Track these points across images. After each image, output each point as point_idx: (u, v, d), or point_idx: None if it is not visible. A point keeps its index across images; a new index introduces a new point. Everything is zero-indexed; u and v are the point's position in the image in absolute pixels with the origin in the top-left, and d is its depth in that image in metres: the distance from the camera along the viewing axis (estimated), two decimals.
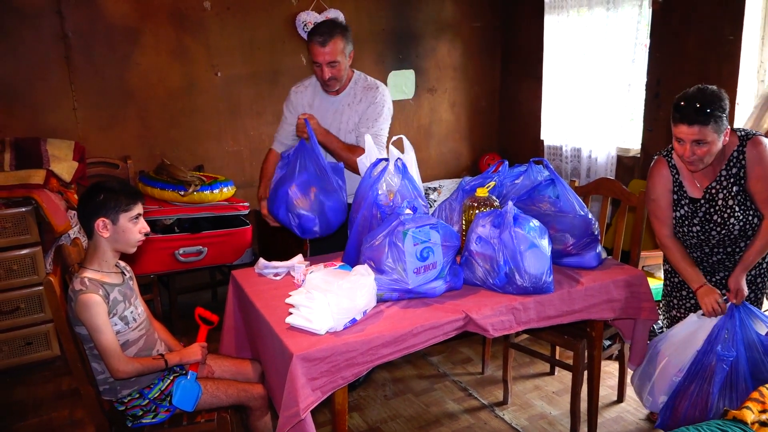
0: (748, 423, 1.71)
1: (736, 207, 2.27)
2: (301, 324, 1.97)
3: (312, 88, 2.94)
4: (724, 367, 2.19)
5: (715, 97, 2.15)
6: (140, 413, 2.09)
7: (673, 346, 2.36)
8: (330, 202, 2.60)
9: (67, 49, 3.78)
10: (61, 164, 3.47)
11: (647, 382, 2.43)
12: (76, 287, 1.95)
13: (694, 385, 2.27)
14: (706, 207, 2.32)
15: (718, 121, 2.13)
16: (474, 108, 5.27)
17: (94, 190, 2.01)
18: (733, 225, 2.30)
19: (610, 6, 4.04)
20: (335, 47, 2.70)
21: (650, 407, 2.45)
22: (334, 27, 2.73)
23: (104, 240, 2.01)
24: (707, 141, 2.15)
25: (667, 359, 2.35)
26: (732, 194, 2.28)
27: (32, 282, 3.26)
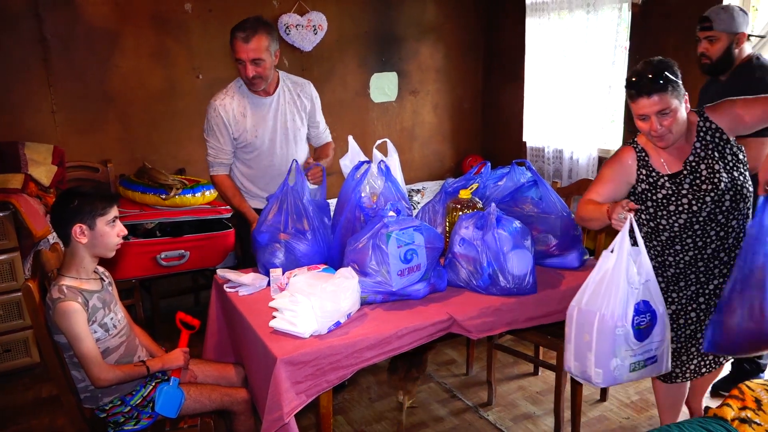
0: (729, 420, 1.73)
1: (723, 172, 2.09)
2: (284, 327, 1.96)
3: (238, 96, 2.79)
4: (740, 264, 2.00)
5: (663, 64, 2.07)
6: (122, 420, 2.06)
7: (600, 296, 2.01)
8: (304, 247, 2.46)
9: (46, 52, 3.74)
10: (40, 168, 3.43)
11: (587, 356, 2.05)
12: (54, 295, 1.91)
13: (743, 295, 2.01)
14: (690, 178, 2.13)
15: (675, 86, 2.03)
16: (457, 110, 5.29)
17: (67, 196, 1.97)
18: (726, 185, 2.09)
19: (591, 9, 4.08)
20: (259, 44, 2.63)
21: (605, 381, 2.04)
22: (258, 23, 2.67)
23: (82, 246, 1.98)
24: (671, 108, 2.03)
25: (600, 314, 1.99)
26: (716, 158, 2.11)
27: (10, 288, 3.20)
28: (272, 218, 2.45)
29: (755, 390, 1.80)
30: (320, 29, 4.46)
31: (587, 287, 2.05)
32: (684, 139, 2.12)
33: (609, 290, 1.99)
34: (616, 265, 1.98)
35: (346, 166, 2.67)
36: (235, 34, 2.64)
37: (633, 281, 1.99)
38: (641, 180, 2.19)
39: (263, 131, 2.82)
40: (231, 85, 2.83)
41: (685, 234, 2.15)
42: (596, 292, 2.02)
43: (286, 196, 2.46)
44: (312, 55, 4.53)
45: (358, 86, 4.80)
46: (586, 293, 2.05)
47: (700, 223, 2.12)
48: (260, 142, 2.83)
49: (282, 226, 2.44)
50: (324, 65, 4.61)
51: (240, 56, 2.64)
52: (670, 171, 2.16)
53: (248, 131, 2.80)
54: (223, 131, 2.78)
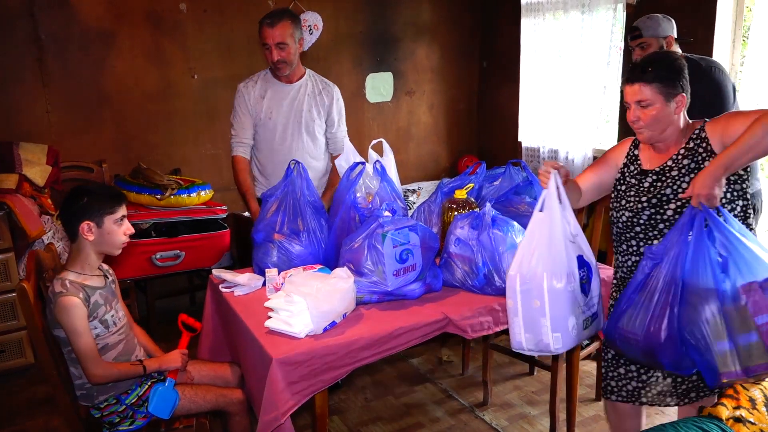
0: (723, 419, 1.74)
1: (685, 184, 1.96)
2: (280, 328, 1.96)
3: (261, 81, 2.98)
4: (646, 270, 1.87)
5: (664, 57, 1.99)
6: (117, 420, 2.06)
7: (544, 257, 1.92)
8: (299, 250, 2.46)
9: (40, 52, 3.73)
10: (34, 168, 3.42)
11: (541, 324, 1.93)
12: (56, 289, 1.93)
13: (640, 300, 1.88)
14: (654, 179, 2.02)
15: (665, 82, 1.92)
16: (452, 110, 5.30)
17: (77, 194, 2.00)
18: (678, 200, 1.95)
19: (586, 9, 4.09)
20: (284, 30, 2.79)
21: (565, 345, 1.93)
22: (284, 11, 2.86)
23: (89, 243, 1.99)
24: (650, 102, 1.93)
25: (548, 275, 1.90)
26: (691, 168, 1.96)
27: (5, 288, 3.19)
28: (270, 218, 2.45)
29: (749, 389, 1.81)
30: (316, 29, 4.46)
31: (524, 253, 1.97)
32: (675, 142, 2.03)
33: (552, 249, 1.93)
34: (552, 224, 1.95)
35: (341, 166, 2.67)
36: (262, 22, 2.81)
37: (569, 236, 1.97)
38: (622, 167, 2.15)
39: (277, 114, 2.94)
40: (259, 72, 3.02)
41: (628, 234, 2.06)
42: (538, 255, 1.93)
43: (286, 196, 2.47)
44: (308, 55, 4.53)
45: (354, 86, 4.80)
46: (524, 259, 1.96)
47: (642, 226, 2.01)
48: (273, 125, 2.95)
49: (278, 227, 2.44)
50: (320, 65, 4.61)
51: (266, 41, 2.80)
52: (644, 166, 2.09)
53: (263, 112, 2.95)
54: (244, 111, 2.96)
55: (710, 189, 1.79)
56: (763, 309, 1.69)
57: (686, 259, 1.78)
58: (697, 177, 1.82)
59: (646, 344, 1.84)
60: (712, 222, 1.77)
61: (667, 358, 1.83)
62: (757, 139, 1.77)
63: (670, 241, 1.83)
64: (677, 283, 1.78)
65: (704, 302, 1.73)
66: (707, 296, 1.73)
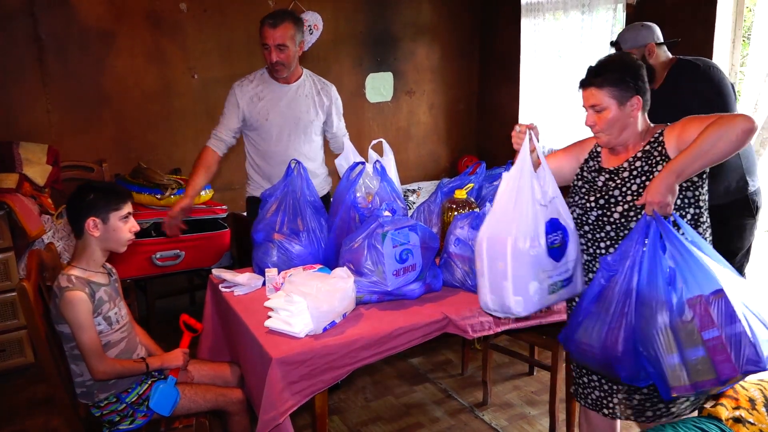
0: (723, 419, 1.74)
1: (634, 186, 1.91)
2: (280, 327, 1.96)
3: (258, 81, 2.93)
4: (602, 281, 1.82)
5: (619, 61, 1.94)
6: (117, 419, 2.06)
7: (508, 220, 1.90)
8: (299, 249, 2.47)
9: (41, 52, 3.73)
10: (35, 168, 3.42)
11: (504, 286, 1.90)
12: (62, 284, 1.94)
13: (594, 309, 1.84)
14: (607, 178, 1.99)
15: (619, 86, 1.88)
16: (452, 110, 5.30)
17: (83, 190, 2.02)
18: (629, 202, 1.91)
19: (586, 9, 4.09)
20: (286, 32, 2.74)
21: (526, 309, 1.92)
22: (286, 13, 2.82)
23: (94, 239, 2.01)
24: (604, 106, 1.90)
25: (512, 238, 1.87)
26: (643, 171, 1.91)
27: (5, 288, 3.19)
28: (269, 217, 2.45)
29: (749, 389, 1.82)
30: (316, 29, 4.46)
31: (494, 215, 1.95)
32: (634, 144, 1.97)
33: (517, 212, 1.90)
34: (520, 186, 1.92)
35: (341, 166, 2.68)
36: (264, 21, 2.77)
37: (539, 199, 1.93)
38: (583, 161, 2.11)
39: (274, 116, 2.89)
40: (254, 73, 2.97)
41: (580, 231, 2.02)
42: (504, 218, 1.92)
43: (286, 196, 2.47)
44: (308, 55, 4.52)
45: (354, 86, 4.80)
46: (492, 222, 1.94)
47: (591, 226, 1.98)
48: (269, 126, 2.89)
49: (277, 226, 2.44)
50: (320, 65, 4.61)
51: (266, 41, 2.76)
52: (605, 165, 2.04)
53: (260, 113, 2.88)
54: (232, 110, 2.89)
55: (662, 196, 1.74)
56: (709, 324, 1.63)
57: (641, 269, 1.73)
58: (650, 184, 1.78)
59: (603, 356, 1.81)
60: (663, 231, 1.72)
61: (624, 371, 1.79)
62: (710, 144, 1.72)
63: (625, 251, 1.78)
64: (632, 295, 1.74)
65: (656, 314, 1.69)
66: (659, 308, 1.69)
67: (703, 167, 1.79)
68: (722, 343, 1.60)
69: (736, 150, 1.76)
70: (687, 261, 1.68)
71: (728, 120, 1.72)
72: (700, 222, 1.92)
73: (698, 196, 1.90)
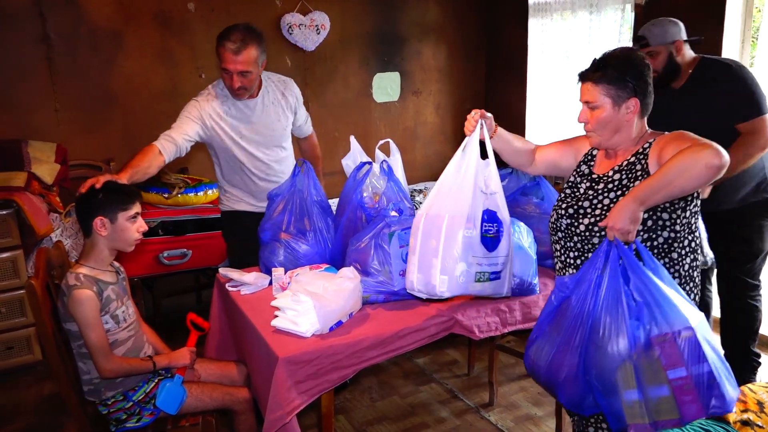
0: (731, 422, 1.73)
1: (606, 200, 1.83)
2: (286, 327, 1.96)
3: (221, 97, 2.68)
4: (554, 302, 1.77)
5: (622, 58, 1.82)
6: (124, 417, 2.07)
7: (448, 199, 1.92)
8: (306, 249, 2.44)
9: (49, 51, 3.74)
10: (43, 166, 3.43)
11: (432, 264, 1.90)
12: (70, 282, 1.95)
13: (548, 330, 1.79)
14: (588, 186, 1.93)
15: (614, 83, 1.79)
16: (459, 110, 5.29)
17: (93, 190, 2.02)
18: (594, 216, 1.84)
19: (594, 9, 4.08)
20: (249, 56, 2.51)
21: (450, 290, 1.91)
22: (249, 34, 2.53)
23: (102, 238, 2.02)
24: (597, 105, 1.82)
25: (448, 216, 1.89)
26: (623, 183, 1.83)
27: (13, 286, 3.21)
28: (276, 217, 2.46)
29: (757, 392, 1.81)
30: (323, 29, 4.46)
31: (436, 194, 1.94)
32: (624, 151, 1.88)
33: (459, 193, 1.90)
34: (465, 170, 1.93)
35: (348, 166, 2.68)
36: (224, 44, 2.51)
37: (481, 186, 1.94)
38: (579, 162, 2.04)
39: (248, 132, 2.71)
40: (211, 88, 2.71)
41: (553, 236, 1.98)
42: (445, 196, 1.92)
43: (292, 195, 2.47)
44: (314, 55, 4.53)
45: (361, 86, 4.80)
46: (433, 199, 1.94)
47: (563, 233, 1.92)
48: (245, 143, 2.71)
49: (284, 226, 2.44)
50: (326, 65, 4.62)
51: (227, 66, 2.53)
52: (595, 170, 1.97)
53: (230, 131, 2.67)
54: (192, 122, 2.62)
55: (623, 223, 1.64)
56: (676, 363, 1.56)
57: (597, 297, 1.65)
58: (614, 208, 1.68)
59: (547, 378, 1.78)
60: (626, 261, 1.63)
61: (565, 397, 1.75)
62: (673, 175, 1.60)
63: (583, 274, 1.70)
64: (586, 322, 1.66)
65: (615, 347, 1.60)
66: (618, 341, 1.60)
67: (669, 198, 1.67)
68: (689, 383, 1.55)
69: (700, 186, 1.64)
70: (654, 295, 1.60)
71: (696, 152, 1.58)
72: (674, 248, 1.79)
73: (676, 219, 1.77)
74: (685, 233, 1.80)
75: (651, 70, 1.85)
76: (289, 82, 2.88)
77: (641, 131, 1.87)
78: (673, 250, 1.79)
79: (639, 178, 1.78)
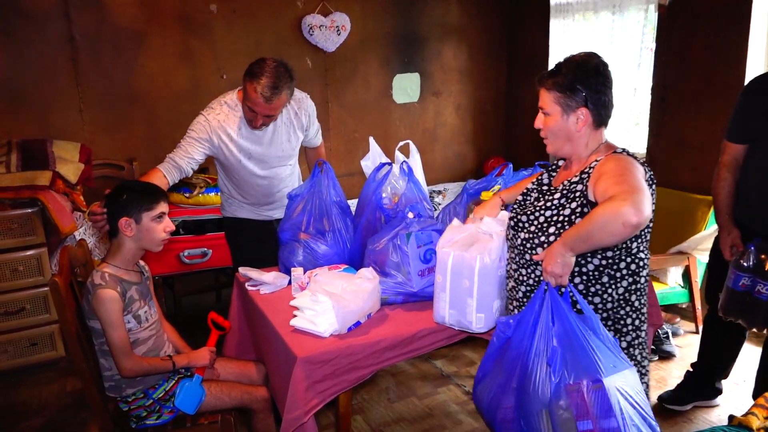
0: (754, 429, 1.70)
1: (542, 218, 1.78)
2: (305, 326, 1.97)
3: (232, 117, 2.60)
4: (494, 341, 1.79)
5: (576, 64, 1.75)
6: (144, 414, 2.09)
7: (477, 244, 1.93)
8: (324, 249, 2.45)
9: (74, 52, 3.80)
10: (67, 166, 3.49)
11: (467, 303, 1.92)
12: (95, 281, 1.97)
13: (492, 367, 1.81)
14: (535, 197, 1.90)
15: (565, 93, 1.72)
16: (479, 111, 5.27)
17: (118, 191, 2.05)
18: (529, 231, 1.81)
19: (616, 10, 4.04)
20: (279, 103, 2.46)
21: (486, 326, 1.95)
22: (282, 79, 2.42)
23: (128, 238, 2.04)
24: (548, 111, 1.76)
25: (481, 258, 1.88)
26: (551, 203, 1.80)
27: (38, 283, 3.27)
28: (295, 217, 2.47)
29: None
30: (343, 30, 4.48)
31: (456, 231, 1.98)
32: (577, 164, 1.81)
33: (486, 237, 1.94)
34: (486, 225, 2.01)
35: (367, 167, 2.68)
36: (255, 86, 2.40)
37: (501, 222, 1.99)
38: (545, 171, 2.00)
39: (257, 153, 2.67)
40: (224, 103, 2.63)
41: (508, 252, 1.94)
42: (472, 242, 1.94)
43: (312, 196, 2.48)
44: (335, 56, 4.54)
45: (381, 87, 4.81)
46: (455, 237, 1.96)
47: (510, 241, 1.89)
48: (253, 164, 2.68)
49: (303, 226, 2.45)
50: (347, 66, 4.63)
51: (255, 108, 2.45)
52: (547, 181, 1.93)
53: (237, 155, 2.63)
54: (199, 144, 2.56)
55: (552, 267, 1.63)
56: (584, 414, 1.53)
57: (533, 339, 1.64)
58: (547, 250, 1.66)
59: (487, 417, 1.80)
60: (552, 305, 1.63)
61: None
62: (596, 229, 1.55)
63: (522, 315, 1.70)
64: (521, 364, 1.65)
65: (538, 391, 1.59)
66: (540, 386, 1.59)
67: (596, 248, 1.65)
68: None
69: (622, 241, 1.61)
70: (572, 343, 1.58)
71: (616, 208, 1.51)
72: (606, 272, 1.73)
73: (629, 245, 1.73)
74: (621, 256, 1.74)
75: (609, 79, 1.76)
76: (304, 98, 2.78)
77: (596, 143, 1.79)
78: (604, 274, 1.74)
79: (576, 200, 1.73)
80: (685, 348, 3.46)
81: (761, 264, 2.34)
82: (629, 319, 1.81)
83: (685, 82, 3.72)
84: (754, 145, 2.45)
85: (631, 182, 1.59)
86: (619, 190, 1.56)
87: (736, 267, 2.41)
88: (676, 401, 2.88)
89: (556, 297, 1.64)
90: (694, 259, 3.43)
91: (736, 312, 2.44)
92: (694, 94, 3.68)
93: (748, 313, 2.40)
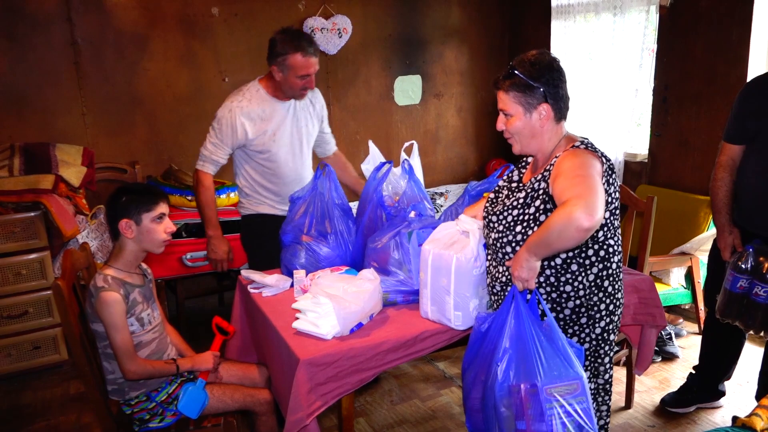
0: (758, 430, 1.70)
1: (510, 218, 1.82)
2: (307, 329, 1.97)
3: (257, 100, 2.70)
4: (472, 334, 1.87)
5: (529, 63, 1.78)
6: (147, 417, 2.09)
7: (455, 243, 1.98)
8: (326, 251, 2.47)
9: (77, 56, 3.81)
10: (70, 169, 3.49)
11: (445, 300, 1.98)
12: (98, 284, 1.98)
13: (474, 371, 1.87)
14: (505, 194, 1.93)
15: (524, 92, 1.76)
16: (481, 113, 5.27)
17: (118, 193, 2.06)
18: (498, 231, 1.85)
19: (617, 11, 4.04)
20: (318, 57, 2.66)
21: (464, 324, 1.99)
22: (307, 35, 2.68)
23: (129, 240, 2.04)
24: (509, 112, 1.80)
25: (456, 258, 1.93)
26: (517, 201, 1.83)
27: (41, 286, 3.27)
28: (298, 219, 2.47)
29: None
30: (345, 32, 4.48)
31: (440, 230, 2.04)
32: (544, 160, 1.84)
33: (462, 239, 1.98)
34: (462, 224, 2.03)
35: (367, 170, 2.68)
36: (302, 49, 2.56)
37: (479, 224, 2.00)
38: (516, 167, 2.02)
39: (281, 135, 2.75)
40: (247, 89, 2.73)
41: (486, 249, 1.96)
42: (453, 241, 1.99)
43: (314, 198, 2.48)
44: (336, 59, 4.55)
45: (383, 89, 4.81)
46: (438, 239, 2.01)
47: (491, 247, 1.90)
48: (278, 147, 2.76)
49: (306, 228, 2.46)
50: (348, 68, 4.64)
51: (309, 71, 2.61)
52: (517, 178, 1.96)
53: (267, 135, 2.72)
54: (231, 134, 2.68)
55: (518, 271, 1.70)
56: (522, 415, 1.62)
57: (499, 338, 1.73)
58: (515, 256, 1.73)
59: (465, 405, 1.92)
60: (515, 309, 1.71)
61: (470, 423, 1.92)
62: (552, 237, 1.60)
63: (497, 314, 1.79)
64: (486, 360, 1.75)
65: (493, 388, 1.69)
66: (495, 383, 1.69)
67: (557, 252, 1.70)
68: None
69: (578, 244, 1.66)
70: (524, 346, 1.66)
71: (569, 213, 1.55)
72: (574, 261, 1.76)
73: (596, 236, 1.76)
74: (588, 244, 1.77)
75: (563, 73, 1.80)
76: (316, 90, 2.91)
77: (558, 137, 1.84)
78: (573, 263, 1.77)
79: (539, 198, 1.77)
80: (688, 349, 3.45)
81: (759, 266, 2.34)
82: (602, 305, 1.83)
83: (686, 82, 3.72)
84: (750, 147, 2.46)
85: (585, 183, 1.63)
86: (572, 194, 1.60)
87: (733, 269, 2.40)
88: (679, 404, 2.87)
89: (520, 302, 1.72)
90: (696, 260, 3.42)
91: (733, 314, 2.44)
92: (696, 94, 3.68)
93: (746, 316, 2.40)
